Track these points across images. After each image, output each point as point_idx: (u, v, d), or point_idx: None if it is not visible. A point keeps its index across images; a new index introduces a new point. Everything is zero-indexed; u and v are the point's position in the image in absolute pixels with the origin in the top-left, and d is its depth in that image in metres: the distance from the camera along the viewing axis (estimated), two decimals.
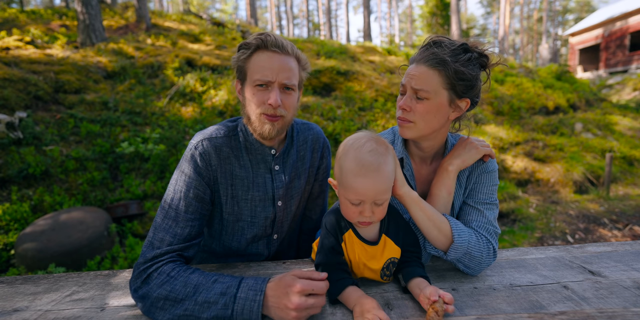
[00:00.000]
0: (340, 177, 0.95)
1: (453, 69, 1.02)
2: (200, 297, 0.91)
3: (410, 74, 1.07)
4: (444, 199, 1.11)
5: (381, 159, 0.91)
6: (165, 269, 0.97)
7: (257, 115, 1.11)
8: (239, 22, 16.02)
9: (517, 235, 4.73)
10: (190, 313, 0.89)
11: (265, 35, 1.10)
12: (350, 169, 0.91)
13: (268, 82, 1.08)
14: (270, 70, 1.08)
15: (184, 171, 1.12)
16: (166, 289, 0.92)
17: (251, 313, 0.88)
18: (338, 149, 0.97)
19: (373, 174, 0.89)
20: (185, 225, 1.07)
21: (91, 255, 3.61)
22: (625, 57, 18.96)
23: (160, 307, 0.91)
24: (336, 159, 0.96)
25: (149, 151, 5.24)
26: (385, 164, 0.92)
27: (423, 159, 1.22)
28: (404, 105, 1.08)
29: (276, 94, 1.08)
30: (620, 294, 0.96)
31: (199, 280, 0.94)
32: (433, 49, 1.05)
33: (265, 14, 49.92)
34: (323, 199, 1.46)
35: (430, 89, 1.04)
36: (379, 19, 51.56)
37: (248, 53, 1.10)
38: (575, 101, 10.79)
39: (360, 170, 0.89)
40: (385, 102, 8.34)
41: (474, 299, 0.96)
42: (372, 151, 0.91)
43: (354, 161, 0.91)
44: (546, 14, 40.07)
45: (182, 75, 7.84)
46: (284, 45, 1.11)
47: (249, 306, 0.88)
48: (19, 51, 7.39)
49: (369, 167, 0.89)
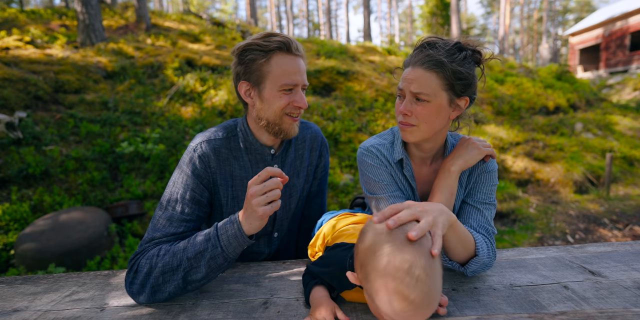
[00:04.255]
0: (371, 298, 0.73)
1: (450, 70, 1.01)
2: (190, 253, 0.97)
3: (407, 78, 1.05)
4: (447, 200, 1.10)
5: (432, 285, 0.68)
6: (151, 253, 1.01)
7: (281, 116, 1.13)
8: (239, 22, 16.02)
9: (517, 235, 4.73)
10: (189, 268, 0.96)
11: (281, 37, 1.10)
12: (392, 306, 0.68)
13: (295, 85, 1.11)
14: (297, 74, 1.11)
15: (182, 173, 1.13)
16: (159, 266, 0.97)
17: (236, 238, 0.95)
18: (364, 258, 0.73)
19: (425, 308, 0.68)
20: (179, 225, 1.08)
21: (91, 255, 3.61)
22: (626, 57, 18.96)
23: (162, 281, 0.96)
24: (366, 272, 0.73)
25: (148, 151, 5.24)
26: (436, 288, 0.69)
27: (423, 160, 1.22)
28: (405, 110, 1.06)
29: (303, 96, 1.13)
30: (621, 294, 0.96)
31: (182, 244, 1.00)
32: (428, 51, 1.03)
33: (265, 13, 49.92)
34: (322, 197, 1.47)
35: (429, 92, 1.03)
36: (379, 19, 51.57)
37: (267, 56, 1.09)
38: (575, 101, 10.78)
39: (410, 308, 0.67)
40: (385, 102, 8.33)
41: (474, 299, 0.96)
42: (420, 281, 0.67)
43: (400, 300, 0.67)
44: (546, 14, 40.06)
45: (182, 75, 7.84)
46: (299, 47, 1.13)
47: (232, 233, 0.95)
48: (18, 51, 7.39)
49: (421, 303, 0.67)
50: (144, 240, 1.06)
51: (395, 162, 1.18)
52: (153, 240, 1.05)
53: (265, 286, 1.09)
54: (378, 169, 1.17)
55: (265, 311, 0.94)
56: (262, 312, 0.94)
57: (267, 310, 0.95)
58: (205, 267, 0.96)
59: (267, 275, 1.16)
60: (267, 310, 0.95)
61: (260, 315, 0.92)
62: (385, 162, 1.18)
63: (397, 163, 1.19)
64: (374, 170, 1.18)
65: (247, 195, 0.93)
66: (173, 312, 0.97)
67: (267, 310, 0.95)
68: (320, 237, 1.18)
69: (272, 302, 0.99)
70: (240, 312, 0.94)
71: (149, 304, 1.01)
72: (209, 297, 1.04)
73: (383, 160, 1.18)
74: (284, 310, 0.95)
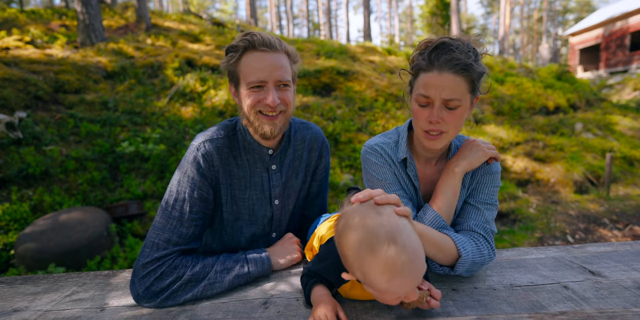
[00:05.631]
0: (364, 281, 0.78)
1: (477, 72, 1.00)
2: (219, 267, 1.08)
3: (437, 84, 0.99)
4: (449, 200, 1.10)
5: (409, 249, 0.73)
6: (177, 263, 1.05)
7: (255, 115, 1.12)
8: (239, 22, 16.02)
9: (517, 235, 4.73)
10: (214, 281, 1.05)
11: (251, 35, 1.08)
12: (379, 278, 0.74)
13: (262, 82, 1.08)
14: (262, 70, 1.07)
15: (187, 173, 1.13)
16: (188, 275, 1.03)
17: (263, 264, 1.13)
18: (341, 240, 0.79)
19: (409, 268, 0.73)
20: (190, 224, 1.09)
21: (91, 256, 3.61)
22: (626, 57, 18.95)
23: (182, 289, 1.02)
24: (347, 256, 0.79)
25: (149, 151, 5.24)
26: (418, 252, 0.75)
27: (428, 160, 1.22)
28: (437, 118, 1.01)
29: (273, 93, 1.09)
30: (621, 294, 0.96)
31: (212, 260, 1.11)
32: (452, 54, 0.98)
33: (265, 14, 49.91)
34: (322, 198, 1.46)
35: (460, 97, 1.00)
36: (379, 19, 51.56)
37: (237, 56, 1.09)
38: (575, 101, 10.78)
39: (394, 274, 0.72)
40: (385, 102, 8.33)
41: (474, 299, 0.96)
42: (399, 251, 0.72)
43: (381, 268, 0.72)
44: (546, 14, 40.05)
45: (182, 75, 7.84)
46: (272, 43, 1.08)
47: (260, 260, 1.14)
48: (18, 51, 7.39)
49: (403, 268, 0.72)
50: (155, 244, 1.05)
51: (399, 162, 1.18)
52: (170, 242, 1.06)
53: (265, 286, 1.09)
54: (382, 167, 1.17)
55: (265, 311, 0.94)
56: (262, 312, 0.94)
57: (267, 310, 0.95)
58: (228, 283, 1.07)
59: (267, 275, 1.16)
60: (267, 310, 0.95)
61: (260, 315, 0.92)
62: (389, 161, 1.18)
63: (401, 162, 1.19)
64: (377, 168, 1.18)
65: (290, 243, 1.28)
66: (173, 312, 0.97)
67: (267, 310, 0.95)
68: (316, 239, 1.18)
69: (272, 302, 0.99)
70: (240, 312, 0.95)
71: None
72: (209, 298, 1.04)
73: (387, 159, 1.18)
74: (284, 310, 0.95)
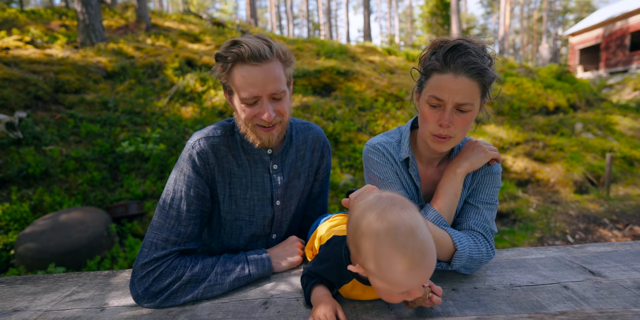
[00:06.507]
0: (377, 272, 0.76)
1: (490, 77, 1.00)
2: (219, 269, 1.07)
3: (451, 87, 0.98)
4: (451, 201, 1.10)
5: (427, 241, 0.73)
6: (176, 263, 1.05)
7: (251, 128, 1.11)
8: (239, 22, 16.02)
9: (517, 235, 4.73)
10: (214, 283, 1.04)
11: (238, 45, 1.01)
12: (397, 269, 0.72)
13: (256, 97, 1.05)
14: (254, 85, 1.02)
15: (182, 171, 1.13)
16: (187, 275, 1.03)
17: (264, 266, 1.12)
18: (357, 231, 0.78)
19: (426, 260, 0.73)
20: (188, 223, 1.09)
21: (91, 255, 3.61)
22: (626, 57, 18.94)
23: (182, 290, 1.01)
24: (363, 247, 0.77)
25: (149, 151, 5.24)
26: (433, 245, 0.75)
27: (430, 160, 1.22)
28: (448, 122, 1.00)
29: (268, 108, 1.05)
30: (621, 294, 0.96)
31: (212, 260, 1.10)
32: (470, 57, 0.96)
33: (265, 14, 49.90)
34: (323, 198, 1.46)
35: (473, 101, 1.00)
36: (379, 19, 51.55)
37: (227, 68, 1.04)
38: (575, 101, 10.78)
39: (411, 265, 0.72)
40: (385, 102, 8.33)
41: (474, 299, 0.96)
42: (419, 243, 0.72)
43: (400, 257, 0.71)
44: (546, 14, 40.05)
45: (182, 75, 7.84)
46: (262, 53, 1.01)
47: (261, 262, 1.13)
48: (18, 51, 7.39)
49: (422, 259, 0.72)
50: (154, 244, 1.04)
51: (401, 161, 1.18)
52: (169, 241, 1.06)
53: (265, 286, 1.09)
54: (383, 166, 1.17)
55: (265, 311, 0.94)
56: (262, 312, 0.94)
57: (267, 310, 0.95)
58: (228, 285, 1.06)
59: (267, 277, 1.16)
60: (267, 310, 0.95)
61: (260, 315, 0.92)
62: (391, 160, 1.18)
63: (403, 162, 1.19)
64: (379, 167, 1.18)
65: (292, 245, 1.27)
66: (173, 312, 0.97)
67: (267, 310, 0.95)
68: (316, 239, 1.18)
69: (272, 302, 0.99)
70: (240, 312, 0.94)
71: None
72: (209, 297, 1.04)
73: (389, 158, 1.18)
74: (284, 310, 0.95)
